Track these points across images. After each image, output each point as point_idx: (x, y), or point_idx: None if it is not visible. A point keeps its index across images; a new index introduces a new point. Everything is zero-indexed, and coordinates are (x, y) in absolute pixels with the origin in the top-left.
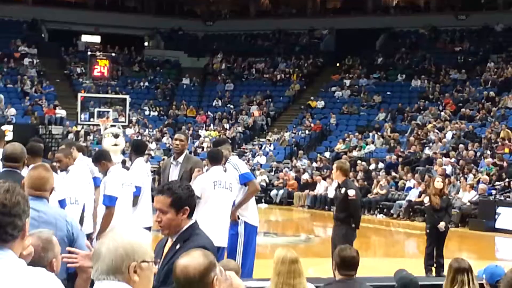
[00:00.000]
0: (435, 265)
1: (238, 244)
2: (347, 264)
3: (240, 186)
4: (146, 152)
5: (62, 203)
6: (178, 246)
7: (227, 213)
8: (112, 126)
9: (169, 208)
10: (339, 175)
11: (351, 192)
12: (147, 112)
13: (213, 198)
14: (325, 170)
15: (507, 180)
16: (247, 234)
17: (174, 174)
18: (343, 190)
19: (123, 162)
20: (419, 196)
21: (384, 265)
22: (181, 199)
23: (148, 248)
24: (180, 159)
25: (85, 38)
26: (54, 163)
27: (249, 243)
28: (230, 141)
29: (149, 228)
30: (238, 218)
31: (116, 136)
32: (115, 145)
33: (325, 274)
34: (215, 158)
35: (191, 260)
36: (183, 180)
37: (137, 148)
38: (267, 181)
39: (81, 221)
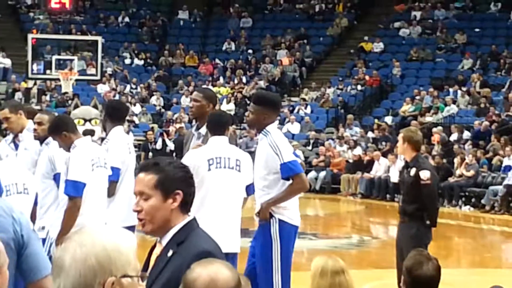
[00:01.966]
0: None
1: (273, 253)
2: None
3: (274, 176)
4: (127, 118)
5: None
6: (170, 253)
7: (236, 204)
8: (76, 107)
9: (153, 191)
10: (407, 149)
11: (425, 174)
12: (127, 61)
13: (208, 183)
14: (385, 143)
15: None
16: (286, 238)
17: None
18: (413, 171)
19: (92, 132)
20: None
21: (472, 280)
22: (171, 179)
23: (131, 257)
24: (203, 129)
25: None
26: None
27: (289, 251)
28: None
29: (132, 228)
30: (271, 216)
31: (89, 119)
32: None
33: None
34: (216, 124)
35: (216, 272)
36: None
37: (113, 113)
38: (303, 159)
39: (33, 219)
